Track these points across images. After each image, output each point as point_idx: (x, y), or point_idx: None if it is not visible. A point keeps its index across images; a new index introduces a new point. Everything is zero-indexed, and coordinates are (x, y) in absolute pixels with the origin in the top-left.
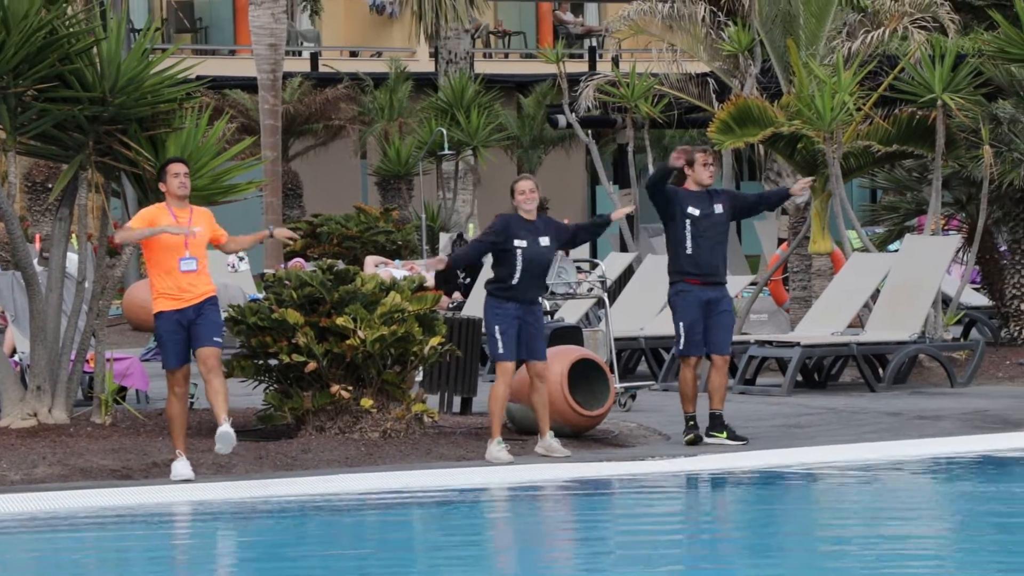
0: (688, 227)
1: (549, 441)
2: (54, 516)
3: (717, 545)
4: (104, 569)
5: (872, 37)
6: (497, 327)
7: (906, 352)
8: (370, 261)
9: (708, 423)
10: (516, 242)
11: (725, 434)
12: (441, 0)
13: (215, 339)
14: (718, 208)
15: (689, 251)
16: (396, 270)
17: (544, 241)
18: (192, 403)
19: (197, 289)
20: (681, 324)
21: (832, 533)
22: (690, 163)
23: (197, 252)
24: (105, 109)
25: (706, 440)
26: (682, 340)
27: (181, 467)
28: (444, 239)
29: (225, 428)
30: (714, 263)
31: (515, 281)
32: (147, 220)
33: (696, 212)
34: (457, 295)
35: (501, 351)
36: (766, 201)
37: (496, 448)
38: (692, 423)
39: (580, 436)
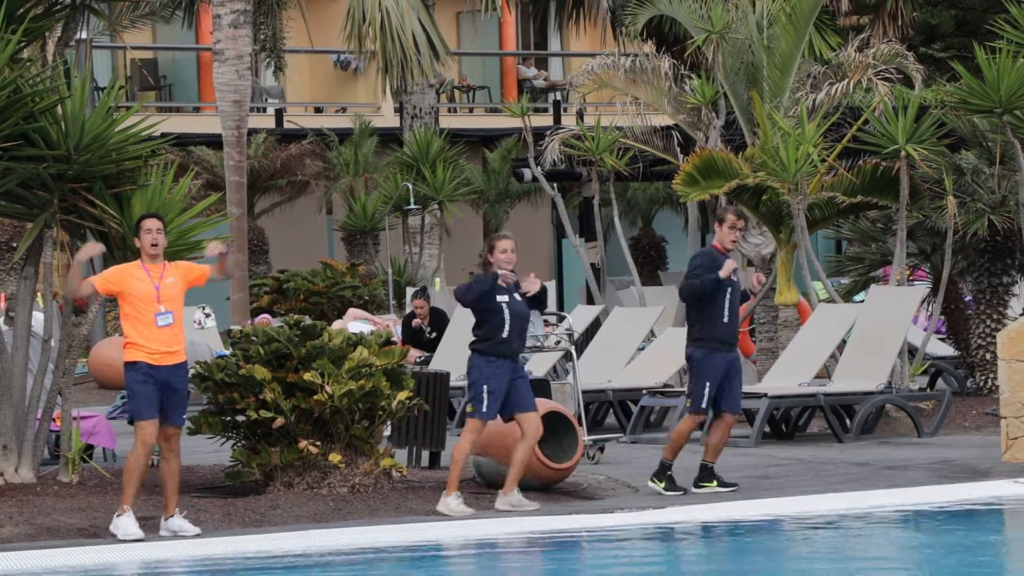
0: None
1: (517, 496)
2: None
3: None
4: None
5: (836, 89)
6: (486, 386)
7: (873, 403)
8: (351, 314)
9: (698, 474)
10: (499, 298)
11: (715, 483)
12: (406, 55)
13: (184, 416)
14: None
15: (726, 320)
16: (364, 325)
17: (518, 296)
18: (155, 462)
19: (171, 347)
20: (708, 384)
21: None
22: (720, 221)
23: (172, 306)
24: (70, 167)
25: (695, 491)
26: (704, 399)
27: (130, 524)
28: (411, 293)
29: (180, 521)
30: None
31: (505, 335)
32: (110, 280)
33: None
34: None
35: (485, 410)
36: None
37: (454, 501)
38: (671, 472)
39: (549, 489)
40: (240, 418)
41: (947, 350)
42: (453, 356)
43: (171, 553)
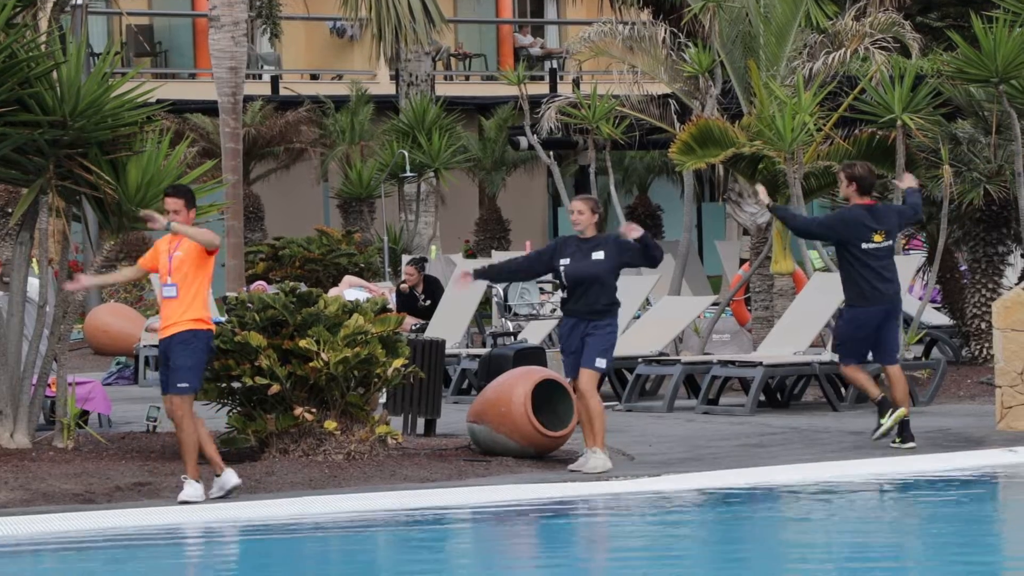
0: None
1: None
2: (16, 541)
3: (681, 564)
4: None
5: (833, 58)
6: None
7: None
8: (346, 281)
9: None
10: (562, 261)
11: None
12: (401, 23)
13: (178, 385)
14: None
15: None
16: (360, 293)
17: (596, 255)
18: (155, 427)
19: (169, 320)
20: None
21: (794, 552)
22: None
23: (178, 277)
24: (65, 133)
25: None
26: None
27: (193, 490)
28: (406, 260)
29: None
30: None
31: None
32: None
33: None
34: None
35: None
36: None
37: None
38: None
39: (544, 457)
40: (236, 385)
41: (942, 319)
42: (448, 324)
43: (165, 519)
